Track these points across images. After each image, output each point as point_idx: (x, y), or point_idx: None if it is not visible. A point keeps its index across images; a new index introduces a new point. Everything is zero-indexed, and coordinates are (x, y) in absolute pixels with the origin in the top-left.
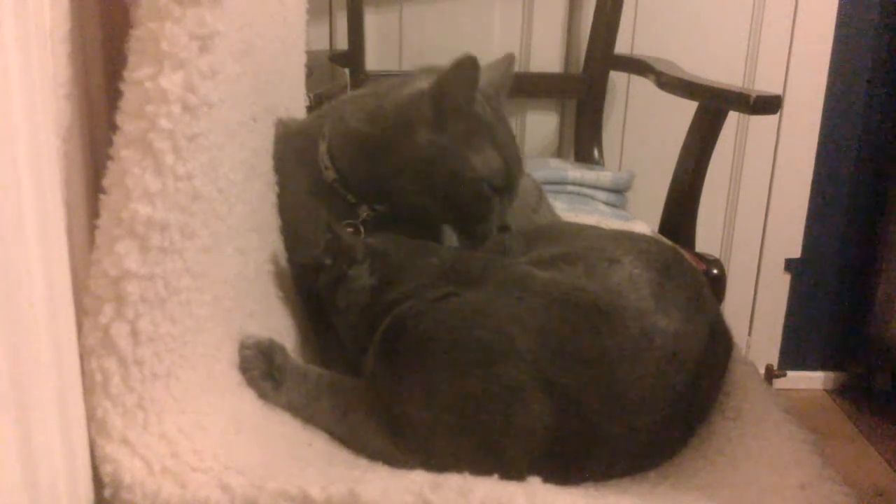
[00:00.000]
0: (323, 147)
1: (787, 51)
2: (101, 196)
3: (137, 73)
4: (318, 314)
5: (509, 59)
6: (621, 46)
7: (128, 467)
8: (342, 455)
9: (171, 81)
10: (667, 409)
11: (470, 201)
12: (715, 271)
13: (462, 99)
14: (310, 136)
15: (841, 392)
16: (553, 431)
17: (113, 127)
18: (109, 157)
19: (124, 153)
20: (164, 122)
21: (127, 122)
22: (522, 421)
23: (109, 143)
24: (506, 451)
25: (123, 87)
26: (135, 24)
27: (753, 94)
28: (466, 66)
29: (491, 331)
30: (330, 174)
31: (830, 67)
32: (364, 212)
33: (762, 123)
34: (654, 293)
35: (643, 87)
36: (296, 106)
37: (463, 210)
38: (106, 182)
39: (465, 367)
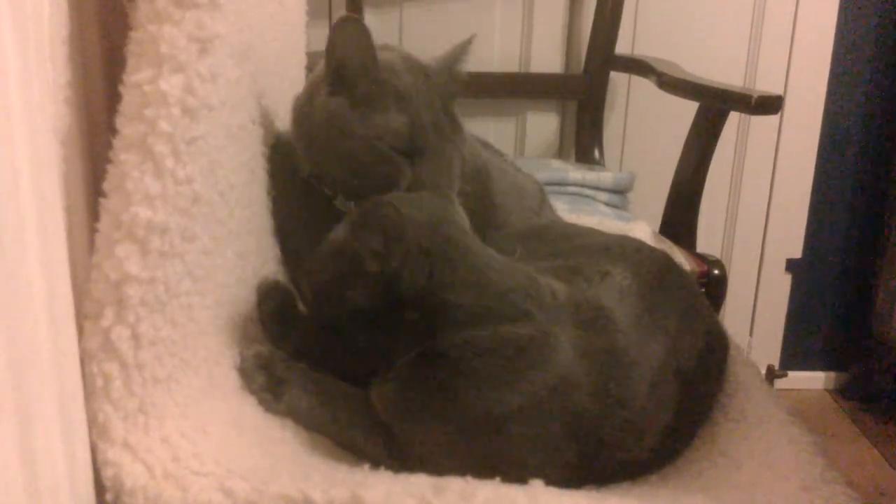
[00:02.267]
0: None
1: (788, 51)
2: (101, 199)
3: (136, 76)
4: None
5: (467, 41)
6: (622, 47)
7: (129, 471)
8: (345, 459)
9: (171, 84)
10: (668, 420)
11: (377, 166)
12: (716, 272)
13: (355, 60)
14: (289, 142)
15: (842, 392)
16: (571, 464)
17: (112, 130)
18: (109, 161)
19: (124, 156)
20: (163, 125)
21: (126, 126)
22: (551, 472)
23: (109, 146)
24: None
25: (123, 90)
26: (134, 26)
27: (754, 95)
28: (346, 26)
29: (550, 389)
30: (305, 168)
31: (831, 67)
32: (341, 203)
33: (763, 124)
34: (647, 307)
35: (644, 87)
36: None
37: (372, 179)
38: (106, 185)
39: (513, 425)
